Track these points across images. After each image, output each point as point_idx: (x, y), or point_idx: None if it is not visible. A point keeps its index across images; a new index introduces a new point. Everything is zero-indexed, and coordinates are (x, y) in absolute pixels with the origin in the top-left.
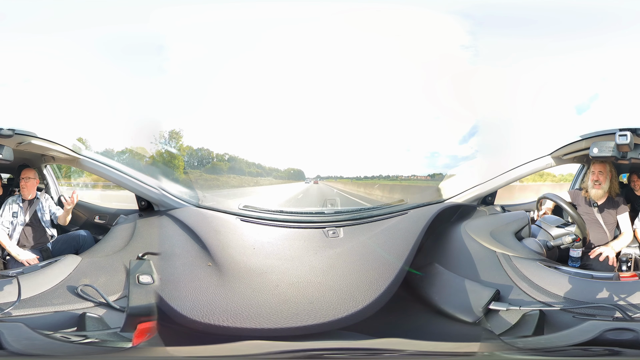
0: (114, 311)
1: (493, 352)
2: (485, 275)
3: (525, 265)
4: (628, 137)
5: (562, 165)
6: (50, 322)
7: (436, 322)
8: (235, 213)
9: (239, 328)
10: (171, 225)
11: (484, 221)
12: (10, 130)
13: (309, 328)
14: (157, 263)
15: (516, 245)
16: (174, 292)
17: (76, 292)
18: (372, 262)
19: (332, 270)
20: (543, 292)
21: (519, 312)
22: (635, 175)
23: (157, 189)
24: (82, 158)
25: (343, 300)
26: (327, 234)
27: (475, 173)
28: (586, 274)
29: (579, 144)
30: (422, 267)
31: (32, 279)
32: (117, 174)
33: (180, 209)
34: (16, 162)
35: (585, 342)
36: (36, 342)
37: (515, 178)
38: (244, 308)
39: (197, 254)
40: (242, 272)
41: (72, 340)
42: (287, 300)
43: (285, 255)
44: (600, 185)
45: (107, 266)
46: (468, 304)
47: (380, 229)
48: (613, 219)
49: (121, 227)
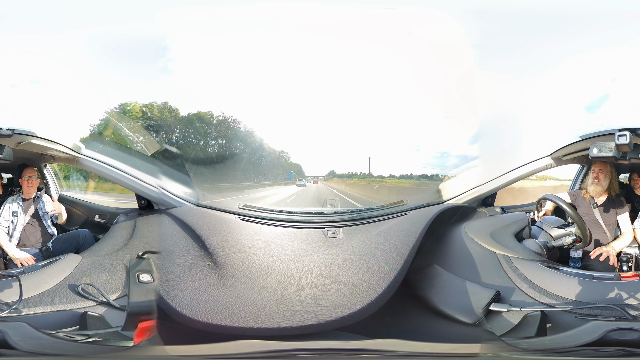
0: (115, 310)
1: (497, 353)
2: (486, 276)
3: (526, 266)
4: (627, 137)
5: (561, 166)
6: (52, 321)
7: (436, 324)
8: (235, 212)
9: (238, 327)
10: (171, 224)
11: (484, 222)
12: (10, 130)
13: (307, 328)
14: (157, 262)
15: (516, 247)
16: (174, 291)
17: (77, 291)
18: (371, 263)
19: (331, 271)
20: (544, 293)
21: (519, 313)
22: (635, 175)
23: (156, 188)
24: (82, 157)
25: (342, 301)
26: (327, 234)
27: (475, 174)
28: (587, 274)
29: (578, 144)
30: (422, 268)
31: (34, 278)
32: (117, 172)
33: (180, 208)
34: (16, 162)
35: (591, 343)
36: (42, 342)
37: (515, 179)
38: (242, 307)
39: (197, 253)
40: (241, 271)
41: (76, 339)
42: (285, 300)
43: (285, 255)
44: (600, 182)
45: (107, 265)
46: (468, 305)
47: (380, 229)
48: (613, 219)
49: (121, 225)
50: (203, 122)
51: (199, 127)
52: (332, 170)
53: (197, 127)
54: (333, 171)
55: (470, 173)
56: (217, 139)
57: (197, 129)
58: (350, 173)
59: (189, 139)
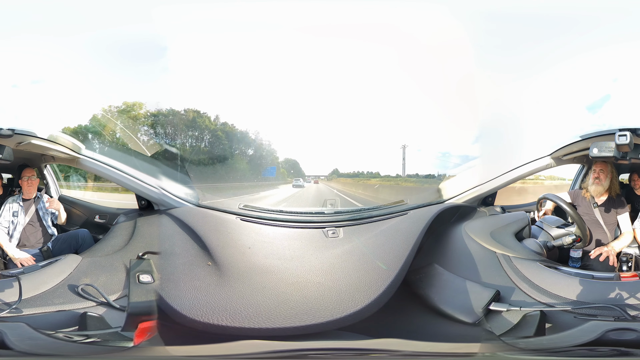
0: (115, 310)
1: (495, 352)
2: (485, 276)
3: (526, 265)
4: (628, 137)
5: (562, 165)
6: (51, 321)
7: (436, 323)
8: (235, 212)
9: (238, 327)
10: (171, 225)
11: (484, 222)
12: (10, 130)
13: (307, 328)
14: (157, 262)
15: (516, 246)
16: (174, 291)
17: (77, 292)
18: (371, 263)
19: (331, 271)
20: (544, 292)
21: (519, 312)
22: (635, 175)
23: (157, 188)
24: (82, 157)
25: (342, 301)
26: (327, 234)
27: (475, 174)
28: (587, 274)
29: (578, 144)
30: (422, 267)
31: (33, 279)
32: (117, 173)
33: (180, 208)
34: (16, 162)
35: (588, 343)
36: (39, 342)
37: (515, 179)
38: (243, 307)
39: (197, 253)
40: (242, 271)
41: (75, 339)
42: (286, 300)
43: (285, 255)
44: (601, 182)
45: (107, 265)
46: (468, 305)
47: (380, 229)
48: (613, 219)
49: (121, 226)
50: (203, 122)
51: (198, 127)
52: (335, 169)
53: (197, 126)
54: (337, 170)
55: (471, 172)
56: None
57: (197, 129)
58: (357, 172)
59: (188, 139)
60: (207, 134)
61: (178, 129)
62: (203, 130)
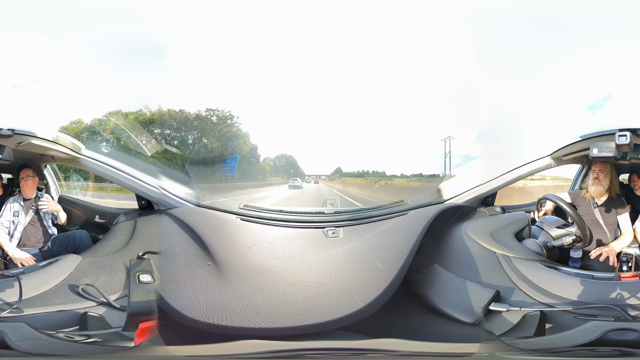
0: (115, 310)
1: (493, 352)
2: (485, 276)
3: (526, 266)
4: (628, 137)
5: (562, 165)
6: (52, 321)
7: (435, 323)
8: (235, 212)
9: (238, 327)
10: (171, 225)
11: (484, 222)
12: (10, 130)
13: (307, 328)
14: (157, 262)
15: (516, 246)
16: (174, 291)
17: (77, 292)
18: (371, 263)
19: (331, 271)
20: (544, 293)
21: (519, 313)
22: (635, 175)
23: (157, 188)
24: (82, 157)
25: (342, 301)
26: (327, 234)
27: (475, 174)
28: (587, 274)
29: (578, 144)
30: (422, 267)
31: (33, 279)
32: (117, 173)
33: (180, 208)
34: (16, 162)
35: (589, 343)
36: (40, 342)
37: (515, 179)
38: (243, 307)
39: (197, 253)
40: (242, 271)
41: (76, 339)
42: (286, 299)
43: (285, 254)
44: (600, 182)
45: (107, 265)
46: (468, 305)
47: (380, 229)
48: (613, 219)
49: (121, 226)
50: (201, 121)
51: (198, 126)
52: (338, 168)
53: (196, 125)
54: (340, 168)
55: (471, 173)
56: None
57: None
58: (363, 171)
59: (187, 139)
60: (210, 133)
61: (178, 129)
62: (203, 129)
